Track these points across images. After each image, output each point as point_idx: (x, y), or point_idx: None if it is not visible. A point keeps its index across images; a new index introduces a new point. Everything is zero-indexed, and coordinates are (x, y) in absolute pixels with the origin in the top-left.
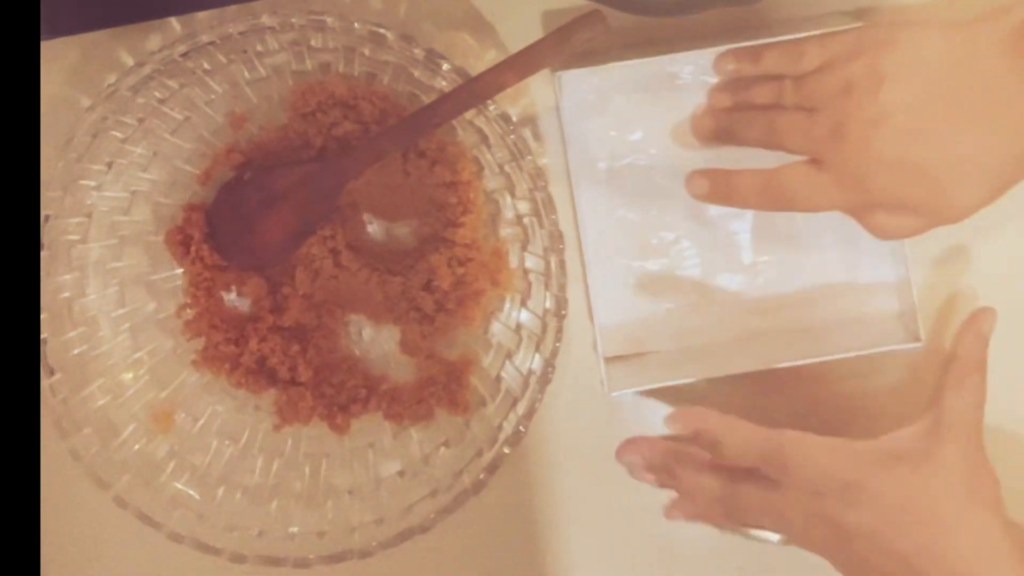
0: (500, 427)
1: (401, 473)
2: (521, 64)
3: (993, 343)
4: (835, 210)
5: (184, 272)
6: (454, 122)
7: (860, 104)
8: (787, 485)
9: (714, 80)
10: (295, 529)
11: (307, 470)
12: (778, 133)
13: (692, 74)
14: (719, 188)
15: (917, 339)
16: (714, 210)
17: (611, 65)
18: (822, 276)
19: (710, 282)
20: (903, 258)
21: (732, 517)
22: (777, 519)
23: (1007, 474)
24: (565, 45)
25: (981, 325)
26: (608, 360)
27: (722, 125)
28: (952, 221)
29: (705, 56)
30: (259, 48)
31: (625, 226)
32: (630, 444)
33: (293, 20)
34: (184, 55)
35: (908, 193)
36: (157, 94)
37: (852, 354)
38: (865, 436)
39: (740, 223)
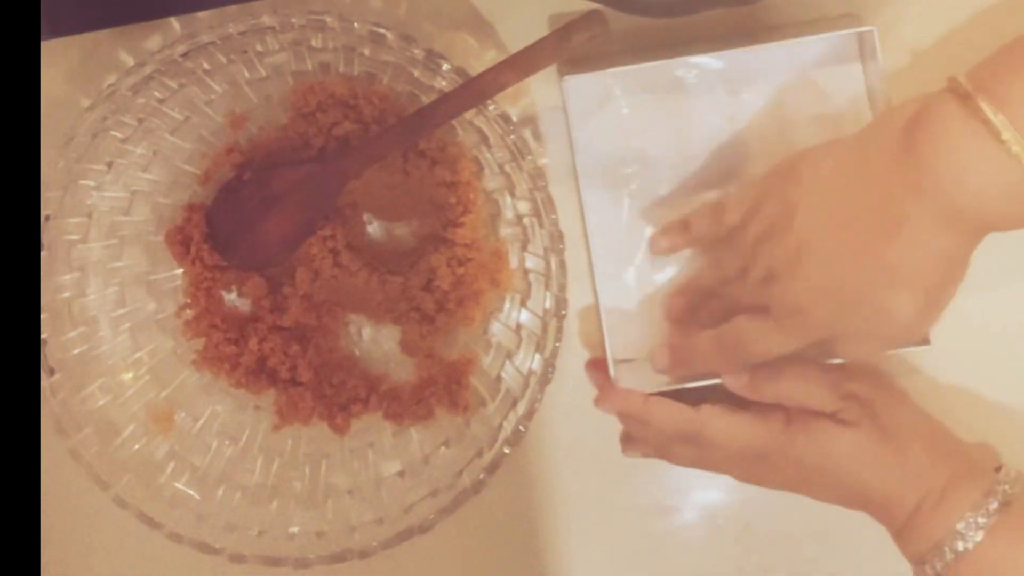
0: (500, 427)
1: (401, 473)
2: (521, 64)
3: (1001, 347)
4: (785, 352)
5: (184, 272)
6: (454, 122)
7: (780, 242)
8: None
9: (720, 82)
10: (295, 529)
11: (307, 470)
12: (733, 303)
13: (699, 76)
14: (680, 359)
15: (926, 341)
16: None
17: (616, 69)
18: None
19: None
20: None
21: (674, 462)
22: (707, 468)
23: None
24: (565, 45)
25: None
26: (617, 363)
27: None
28: (909, 340)
29: (711, 59)
30: (259, 48)
31: (632, 230)
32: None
33: (293, 20)
34: (184, 55)
35: (849, 320)
36: (157, 94)
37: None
38: None
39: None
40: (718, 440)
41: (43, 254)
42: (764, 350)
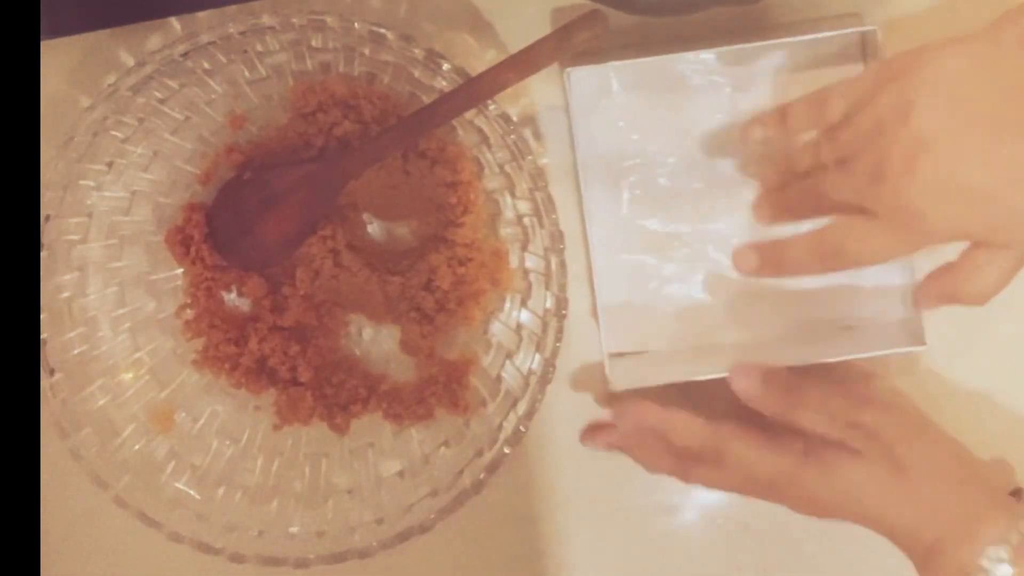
0: (500, 427)
1: (401, 473)
2: (521, 64)
3: (997, 347)
4: (897, 257)
5: (184, 272)
6: (454, 122)
7: (895, 138)
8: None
9: (722, 80)
10: (295, 529)
11: (307, 470)
12: (825, 196)
13: (701, 73)
14: (770, 260)
15: (921, 342)
16: (720, 214)
17: (618, 63)
18: (826, 279)
19: (715, 283)
20: (908, 261)
21: (691, 483)
22: (724, 489)
23: None
24: (565, 45)
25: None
26: (611, 356)
27: (780, 206)
28: None
29: (715, 55)
30: (259, 48)
31: (631, 224)
32: (593, 431)
33: (293, 20)
34: (184, 55)
35: (973, 220)
36: (157, 94)
37: (856, 356)
38: None
39: (745, 226)
40: (738, 462)
41: (43, 254)
42: (869, 254)
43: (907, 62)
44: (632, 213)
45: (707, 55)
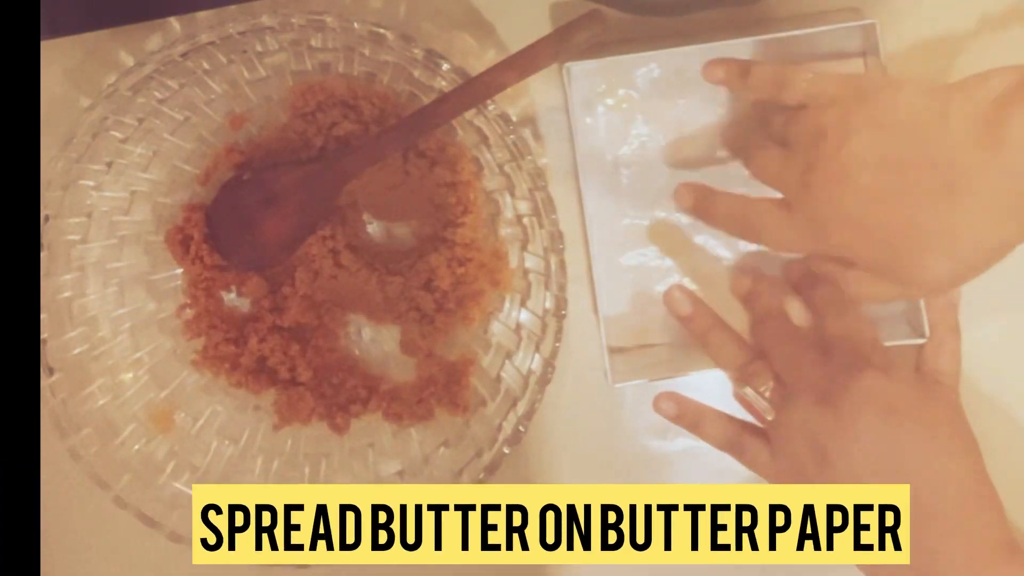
0: (500, 427)
1: (401, 473)
2: (521, 64)
3: (998, 336)
4: (801, 253)
5: (184, 272)
6: (454, 122)
7: (828, 154)
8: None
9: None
10: None
11: (307, 470)
12: (758, 166)
13: (697, 66)
14: (701, 205)
15: (922, 335)
16: None
17: (617, 57)
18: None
19: (714, 276)
20: None
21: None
22: (767, 463)
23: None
24: (565, 45)
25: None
26: (612, 352)
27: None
28: (924, 293)
29: (714, 50)
30: (259, 48)
31: (630, 217)
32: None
33: (293, 20)
34: (184, 55)
35: (867, 255)
36: (157, 94)
37: None
38: None
39: None
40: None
41: (43, 254)
42: (779, 243)
43: (870, 86)
44: (631, 206)
45: (706, 48)
